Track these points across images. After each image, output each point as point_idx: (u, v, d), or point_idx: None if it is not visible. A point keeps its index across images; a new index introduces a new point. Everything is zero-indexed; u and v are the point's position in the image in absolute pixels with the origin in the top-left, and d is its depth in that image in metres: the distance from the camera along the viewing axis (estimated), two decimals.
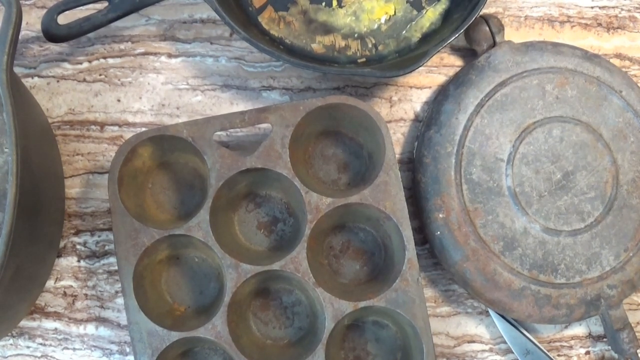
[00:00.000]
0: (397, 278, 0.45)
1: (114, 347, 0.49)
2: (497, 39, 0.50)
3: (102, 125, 0.51)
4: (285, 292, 0.49)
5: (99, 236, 0.50)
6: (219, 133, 0.47)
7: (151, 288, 0.47)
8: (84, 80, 0.52)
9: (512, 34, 0.54)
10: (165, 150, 0.48)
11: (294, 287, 0.49)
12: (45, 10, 0.48)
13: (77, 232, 0.50)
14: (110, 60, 0.52)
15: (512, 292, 0.47)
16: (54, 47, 0.52)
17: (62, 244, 0.50)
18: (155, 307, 0.46)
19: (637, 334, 0.50)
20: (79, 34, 0.49)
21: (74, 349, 0.49)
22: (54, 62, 0.52)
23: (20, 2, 0.44)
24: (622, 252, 0.48)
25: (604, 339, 0.51)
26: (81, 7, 0.49)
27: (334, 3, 0.53)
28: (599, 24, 0.54)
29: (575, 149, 0.48)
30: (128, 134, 0.51)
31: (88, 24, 0.48)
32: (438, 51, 0.46)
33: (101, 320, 0.49)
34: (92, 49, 0.52)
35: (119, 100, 0.52)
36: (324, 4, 0.53)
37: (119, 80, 0.52)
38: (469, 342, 0.50)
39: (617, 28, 0.54)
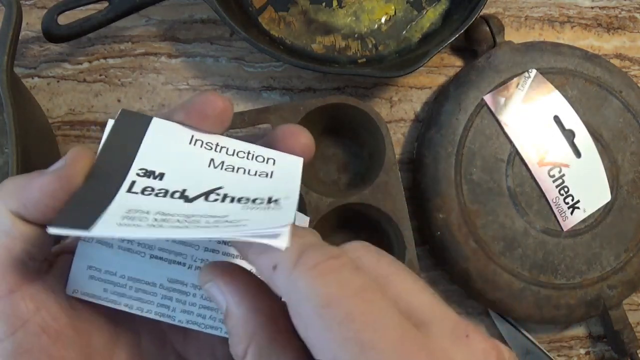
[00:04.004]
0: None
1: None
2: (497, 39, 0.50)
3: (102, 125, 0.51)
4: None
5: None
6: None
7: None
8: (84, 80, 0.52)
9: (512, 34, 0.54)
10: None
11: None
12: (45, 11, 0.48)
13: None
14: (111, 61, 0.52)
15: (512, 292, 0.47)
16: (54, 47, 0.52)
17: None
18: None
19: (637, 334, 0.50)
20: (79, 34, 0.48)
21: None
22: (54, 62, 0.52)
23: (21, 2, 0.44)
24: (622, 253, 0.48)
25: (604, 339, 0.51)
26: (81, 7, 0.49)
27: (334, 3, 0.53)
28: (599, 25, 0.54)
29: None
30: None
31: (88, 24, 0.48)
32: (438, 51, 0.46)
33: None
34: (92, 49, 0.52)
35: (119, 101, 0.52)
36: (324, 4, 0.52)
37: (119, 80, 0.52)
38: None
39: (617, 28, 0.54)
